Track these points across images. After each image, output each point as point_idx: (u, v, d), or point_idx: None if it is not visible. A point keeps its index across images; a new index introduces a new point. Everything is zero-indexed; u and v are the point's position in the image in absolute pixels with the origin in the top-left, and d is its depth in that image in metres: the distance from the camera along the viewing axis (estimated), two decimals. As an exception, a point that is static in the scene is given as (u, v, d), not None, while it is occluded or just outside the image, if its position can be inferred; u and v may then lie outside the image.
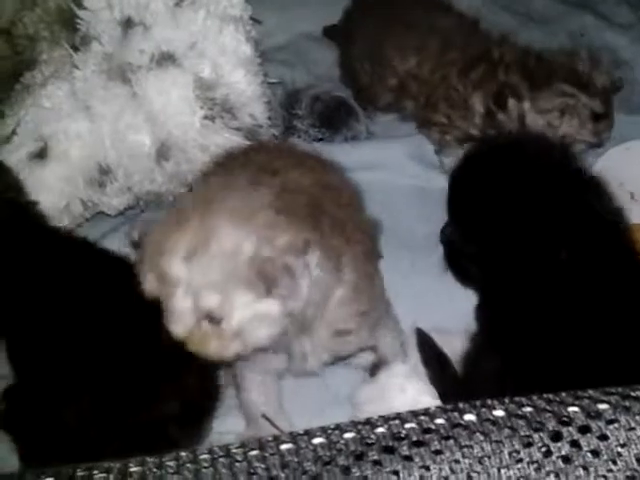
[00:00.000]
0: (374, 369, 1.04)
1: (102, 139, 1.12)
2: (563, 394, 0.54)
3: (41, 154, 1.13)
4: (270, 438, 0.54)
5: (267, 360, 0.91)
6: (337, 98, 1.42)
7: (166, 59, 1.10)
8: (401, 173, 1.30)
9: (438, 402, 0.96)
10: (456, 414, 0.52)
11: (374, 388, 1.02)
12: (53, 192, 1.14)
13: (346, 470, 0.50)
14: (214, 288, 0.76)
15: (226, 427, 0.97)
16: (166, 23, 1.12)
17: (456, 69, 1.26)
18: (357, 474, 0.50)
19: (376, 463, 0.50)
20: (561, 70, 1.18)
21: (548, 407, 0.51)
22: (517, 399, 0.53)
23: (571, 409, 0.51)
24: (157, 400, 0.87)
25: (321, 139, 1.39)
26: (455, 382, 0.94)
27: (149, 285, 0.79)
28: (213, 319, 0.77)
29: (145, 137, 1.12)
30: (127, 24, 1.13)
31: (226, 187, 0.83)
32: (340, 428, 0.54)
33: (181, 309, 0.77)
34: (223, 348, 0.79)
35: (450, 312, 1.03)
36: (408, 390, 0.99)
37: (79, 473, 0.52)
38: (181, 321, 0.77)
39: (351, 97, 1.45)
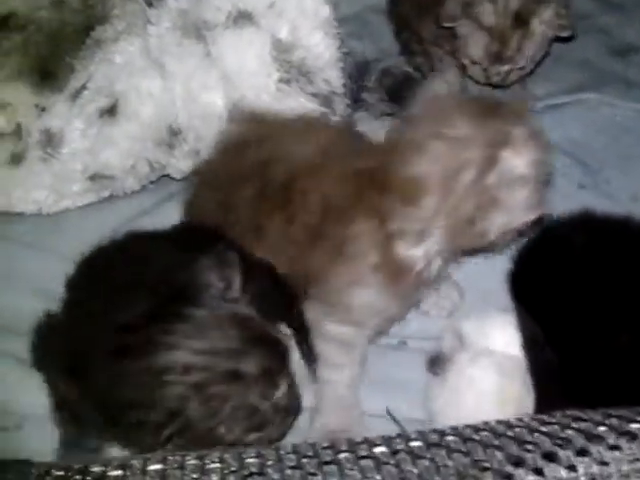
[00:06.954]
0: (434, 363, 0.99)
1: (174, 99, 1.08)
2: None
3: (111, 110, 1.10)
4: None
5: None
6: (406, 73, 1.38)
7: (243, 18, 1.06)
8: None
9: (505, 378, 0.92)
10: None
11: (447, 393, 0.97)
12: (120, 150, 1.11)
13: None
14: None
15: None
16: (244, -20, 1.08)
17: None
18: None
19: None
20: None
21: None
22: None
23: None
24: None
25: (389, 114, 1.34)
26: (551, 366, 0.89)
27: None
28: None
29: (217, 98, 1.08)
30: (204, -20, 1.09)
31: None
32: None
33: None
34: None
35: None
36: (480, 379, 0.94)
37: (151, 467, 0.49)
38: None
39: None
